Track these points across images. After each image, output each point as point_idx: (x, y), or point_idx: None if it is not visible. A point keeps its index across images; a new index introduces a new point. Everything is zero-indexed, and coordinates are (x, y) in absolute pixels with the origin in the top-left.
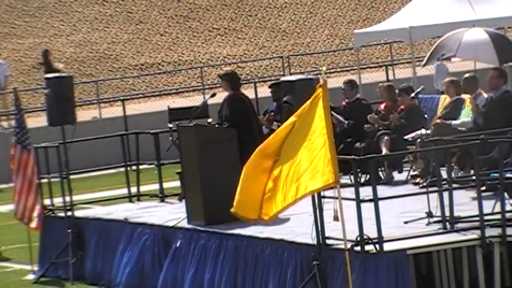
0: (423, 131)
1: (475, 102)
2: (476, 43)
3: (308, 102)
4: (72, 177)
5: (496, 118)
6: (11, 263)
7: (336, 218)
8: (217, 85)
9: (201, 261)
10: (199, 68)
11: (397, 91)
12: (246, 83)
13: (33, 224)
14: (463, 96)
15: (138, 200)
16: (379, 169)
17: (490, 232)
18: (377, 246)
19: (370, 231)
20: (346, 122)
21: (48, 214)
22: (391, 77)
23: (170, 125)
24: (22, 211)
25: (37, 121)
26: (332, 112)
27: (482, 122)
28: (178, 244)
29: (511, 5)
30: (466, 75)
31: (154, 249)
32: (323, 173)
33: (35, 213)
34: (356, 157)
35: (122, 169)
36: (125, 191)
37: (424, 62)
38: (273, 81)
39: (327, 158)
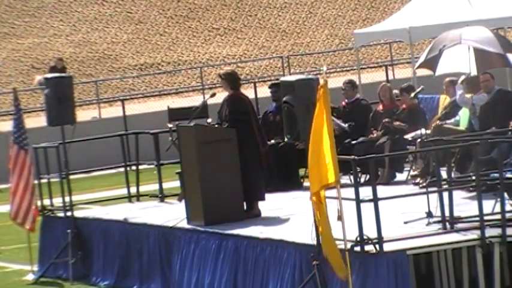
0: (423, 131)
1: (473, 108)
2: (478, 33)
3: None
4: (71, 177)
5: (495, 117)
6: (11, 263)
7: (339, 218)
8: (217, 85)
9: (200, 261)
10: (199, 68)
11: (396, 91)
12: (246, 83)
13: (28, 225)
14: (467, 95)
15: (138, 200)
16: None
17: (490, 232)
18: (377, 246)
19: (370, 231)
20: (346, 125)
21: (47, 214)
22: (391, 77)
23: (170, 125)
24: (16, 211)
25: (37, 121)
26: (333, 118)
27: (481, 127)
28: (178, 244)
29: (511, 5)
30: (470, 75)
31: (154, 250)
32: (323, 173)
33: (30, 215)
34: (356, 157)
35: (122, 169)
36: (124, 191)
37: (424, 58)
38: (272, 81)
39: (327, 158)
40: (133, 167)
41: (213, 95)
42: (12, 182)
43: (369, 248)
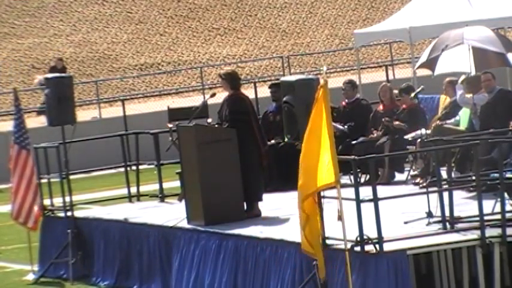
0: (423, 131)
1: (474, 107)
2: (479, 33)
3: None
4: (72, 177)
5: (496, 117)
6: (11, 263)
7: (339, 218)
8: (217, 85)
9: (201, 261)
10: (199, 68)
11: (396, 91)
12: (246, 83)
13: (30, 224)
14: (467, 95)
15: (138, 200)
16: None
17: (490, 232)
18: (377, 246)
19: (370, 231)
20: (345, 127)
21: (48, 214)
22: (391, 77)
23: (170, 125)
24: (18, 211)
25: (37, 121)
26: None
27: (481, 127)
28: (178, 244)
29: (511, 5)
30: (470, 74)
31: (154, 250)
32: (323, 173)
33: (32, 214)
34: (356, 157)
35: (122, 169)
36: (124, 191)
37: (427, 58)
38: (272, 81)
39: (326, 159)
40: (134, 167)
41: (213, 95)
42: (14, 182)
43: (369, 248)
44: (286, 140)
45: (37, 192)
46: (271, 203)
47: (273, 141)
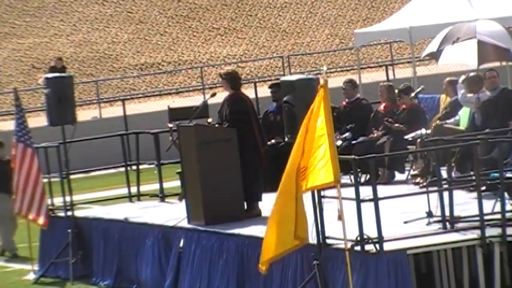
0: (423, 131)
1: (477, 101)
2: (491, 29)
3: (312, 106)
4: (72, 177)
5: (496, 114)
6: (11, 263)
7: (339, 218)
8: (218, 85)
9: (201, 261)
10: (199, 68)
11: (396, 91)
12: (246, 83)
13: (41, 221)
14: (468, 95)
15: (138, 199)
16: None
17: (490, 232)
18: (377, 246)
19: (370, 231)
20: (347, 134)
21: (48, 214)
22: (391, 77)
23: (170, 125)
24: (27, 208)
25: (37, 121)
26: None
27: (482, 122)
28: (178, 244)
29: (511, 5)
30: (471, 74)
31: (154, 249)
32: (323, 173)
33: (43, 210)
34: (356, 157)
35: (122, 169)
36: (124, 190)
37: (437, 49)
38: (273, 81)
39: (327, 158)
40: (134, 167)
41: (214, 94)
42: (20, 180)
43: (369, 247)
44: (286, 140)
45: (44, 190)
46: (271, 203)
47: (273, 141)
